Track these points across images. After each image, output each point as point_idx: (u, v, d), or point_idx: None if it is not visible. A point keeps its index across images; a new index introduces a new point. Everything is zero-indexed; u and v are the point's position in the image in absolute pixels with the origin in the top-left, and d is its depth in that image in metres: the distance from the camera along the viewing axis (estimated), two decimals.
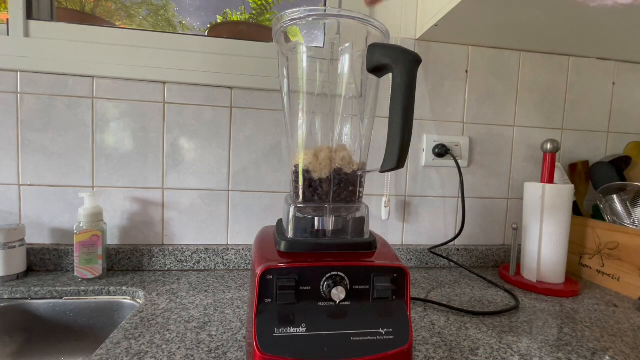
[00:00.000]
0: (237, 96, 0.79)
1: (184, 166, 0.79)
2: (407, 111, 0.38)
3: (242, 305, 0.61)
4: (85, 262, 0.69)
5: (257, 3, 0.99)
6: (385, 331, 0.40)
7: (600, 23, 0.72)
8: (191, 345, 0.49)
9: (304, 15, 0.42)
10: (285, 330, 0.38)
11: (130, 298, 0.67)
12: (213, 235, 0.81)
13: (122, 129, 0.76)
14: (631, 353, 0.52)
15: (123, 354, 0.46)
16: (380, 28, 0.43)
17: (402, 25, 0.83)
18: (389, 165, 0.40)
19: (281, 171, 0.82)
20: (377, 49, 0.40)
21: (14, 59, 0.71)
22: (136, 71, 0.75)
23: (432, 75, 0.86)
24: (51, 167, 0.74)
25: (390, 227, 0.87)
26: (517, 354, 0.50)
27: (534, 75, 0.91)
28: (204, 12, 0.99)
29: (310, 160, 0.44)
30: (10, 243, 0.67)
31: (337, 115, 0.46)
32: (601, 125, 0.96)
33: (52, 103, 0.74)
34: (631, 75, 0.95)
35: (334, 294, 0.39)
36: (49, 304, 0.65)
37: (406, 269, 0.42)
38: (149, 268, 0.77)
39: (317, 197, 0.45)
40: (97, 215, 0.70)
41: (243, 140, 0.80)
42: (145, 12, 0.98)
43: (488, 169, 0.91)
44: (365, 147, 0.48)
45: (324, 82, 0.46)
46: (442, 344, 0.52)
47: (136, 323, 0.54)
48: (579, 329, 0.58)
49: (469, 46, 0.87)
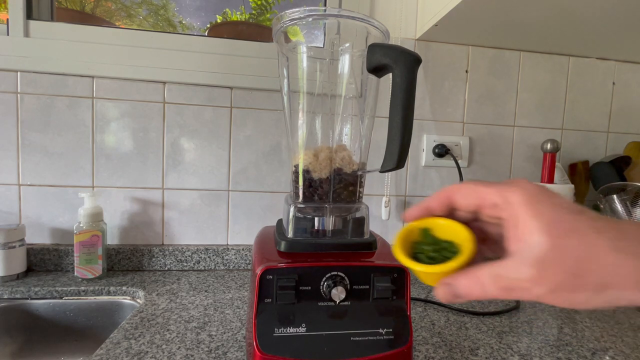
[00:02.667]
0: (237, 96, 0.79)
1: (184, 166, 0.79)
2: (407, 111, 0.38)
3: (242, 305, 0.61)
4: (85, 262, 0.69)
5: (257, 3, 0.99)
6: (385, 331, 0.40)
7: (600, 23, 0.72)
8: (191, 345, 0.49)
9: (304, 15, 0.42)
10: (285, 330, 0.38)
11: (130, 298, 0.67)
12: (213, 235, 0.81)
13: (122, 129, 0.76)
14: (631, 353, 0.52)
15: (123, 354, 0.46)
16: (380, 28, 0.43)
17: (402, 25, 0.83)
18: (389, 165, 0.40)
19: (281, 171, 0.82)
20: (377, 48, 0.40)
21: (14, 59, 0.71)
22: (136, 71, 0.75)
23: (432, 75, 0.86)
24: (51, 167, 0.74)
25: (390, 227, 0.87)
26: (517, 354, 0.50)
27: (534, 75, 0.91)
28: (204, 12, 0.99)
29: (310, 160, 0.44)
30: (10, 243, 0.67)
31: (337, 115, 0.46)
32: (601, 125, 0.95)
33: (52, 103, 0.74)
34: (631, 75, 0.95)
35: (334, 294, 0.39)
36: (49, 304, 0.65)
37: (406, 269, 0.42)
38: (149, 268, 0.77)
39: (317, 197, 0.45)
40: (97, 215, 0.70)
41: (243, 140, 0.80)
42: (145, 11, 0.98)
43: (488, 169, 0.91)
44: (365, 147, 0.48)
45: (324, 82, 0.46)
46: (442, 344, 0.52)
47: (136, 323, 0.54)
48: (579, 329, 0.58)
49: (469, 46, 0.87)
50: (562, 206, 0.22)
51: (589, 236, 0.21)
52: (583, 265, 0.21)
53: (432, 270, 0.25)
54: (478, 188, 0.25)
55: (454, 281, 0.25)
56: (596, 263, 0.20)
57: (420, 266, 0.26)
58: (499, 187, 0.24)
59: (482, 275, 0.23)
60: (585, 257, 0.21)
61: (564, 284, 0.21)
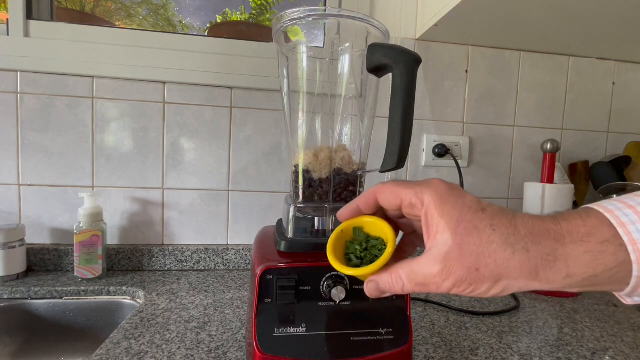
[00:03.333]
0: (237, 96, 0.79)
1: (184, 166, 0.79)
2: (407, 111, 0.38)
3: (242, 305, 0.61)
4: (85, 262, 0.69)
5: (257, 3, 0.99)
6: (385, 331, 0.40)
7: (600, 23, 0.72)
8: (191, 345, 0.49)
9: (304, 15, 0.42)
10: (285, 330, 0.38)
11: (130, 298, 0.67)
12: (213, 235, 0.81)
13: (122, 129, 0.76)
14: (631, 353, 0.52)
15: (123, 354, 0.46)
16: (380, 28, 0.43)
17: (402, 25, 0.83)
18: (389, 166, 0.40)
19: (281, 171, 0.82)
20: (377, 48, 0.40)
21: (14, 59, 0.71)
22: (136, 71, 0.75)
23: (432, 75, 0.86)
24: (51, 167, 0.74)
25: None
26: (517, 354, 0.50)
27: (534, 75, 0.91)
28: (204, 12, 0.99)
29: (310, 160, 0.44)
30: (10, 243, 0.67)
31: (337, 115, 0.46)
32: (601, 125, 0.95)
33: (52, 103, 0.74)
34: (631, 75, 0.95)
35: (334, 293, 0.39)
36: (49, 304, 0.65)
37: None
38: (149, 268, 0.77)
39: (317, 197, 0.45)
40: (97, 215, 0.70)
41: (243, 140, 0.80)
42: (145, 11, 0.98)
43: (488, 169, 0.91)
44: (365, 147, 0.48)
45: (324, 82, 0.46)
46: (442, 344, 0.52)
47: (136, 323, 0.54)
48: (579, 329, 0.58)
49: (469, 46, 0.87)
50: (466, 205, 0.25)
51: (486, 234, 0.24)
52: (481, 260, 0.23)
53: (356, 273, 0.28)
54: (398, 189, 0.28)
55: (378, 278, 0.28)
56: (492, 258, 0.23)
57: (347, 270, 0.29)
58: (415, 188, 0.27)
59: (401, 273, 0.26)
60: (483, 253, 0.23)
61: (466, 277, 0.24)
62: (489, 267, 0.23)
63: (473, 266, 0.24)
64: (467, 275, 0.24)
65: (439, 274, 0.24)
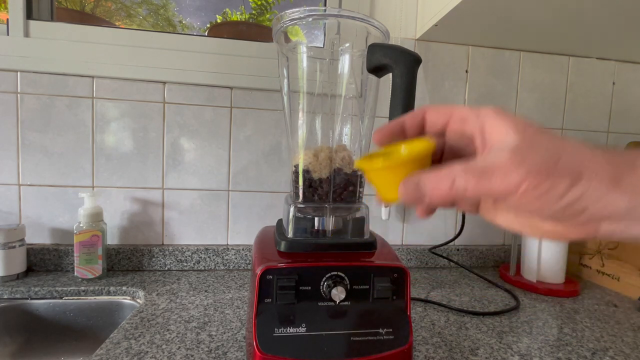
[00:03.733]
0: (237, 96, 0.79)
1: (184, 166, 0.79)
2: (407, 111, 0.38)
3: (242, 305, 0.61)
4: (85, 262, 0.69)
5: (257, 3, 0.99)
6: (385, 331, 0.40)
7: (600, 23, 0.72)
8: (191, 345, 0.49)
9: (304, 15, 0.42)
10: (285, 330, 0.38)
11: (130, 298, 0.67)
12: (213, 235, 0.81)
13: (122, 129, 0.76)
14: (631, 353, 0.52)
15: (123, 354, 0.46)
16: (380, 28, 0.43)
17: (402, 25, 0.83)
18: None
19: (281, 171, 0.82)
20: (377, 48, 0.40)
21: (14, 59, 0.71)
22: (136, 71, 0.75)
23: (432, 75, 0.86)
24: (51, 167, 0.74)
25: (390, 227, 0.87)
26: (517, 354, 0.50)
27: (534, 75, 0.91)
28: (204, 12, 0.99)
29: (310, 160, 0.44)
30: (10, 243, 0.67)
31: (337, 115, 0.46)
32: (601, 125, 0.95)
33: (52, 103, 0.73)
34: (631, 75, 0.95)
35: (334, 294, 0.39)
36: (49, 304, 0.65)
37: (406, 269, 0.42)
38: (149, 268, 0.77)
39: (317, 197, 0.45)
40: (97, 215, 0.70)
41: (243, 140, 0.80)
42: (145, 11, 0.98)
43: None
44: (365, 147, 0.48)
45: (324, 82, 0.46)
46: (442, 344, 0.52)
47: (136, 323, 0.54)
48: (579, 329, 0.58)
49: (469, 46, 0.87)
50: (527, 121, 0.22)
51: (558, 138, 0.21)
52: (561, 150, 0.20)
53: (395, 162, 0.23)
54: (448, 106, 0.25)
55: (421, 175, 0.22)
56: (573, 149, 0.20)
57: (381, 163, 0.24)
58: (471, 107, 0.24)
59: (454, 167, 0.21)
60: (562, 145, 0.20)
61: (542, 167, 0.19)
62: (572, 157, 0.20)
63: (553, 155, 0.20)
64: (544, 163, 0.19)
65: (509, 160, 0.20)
